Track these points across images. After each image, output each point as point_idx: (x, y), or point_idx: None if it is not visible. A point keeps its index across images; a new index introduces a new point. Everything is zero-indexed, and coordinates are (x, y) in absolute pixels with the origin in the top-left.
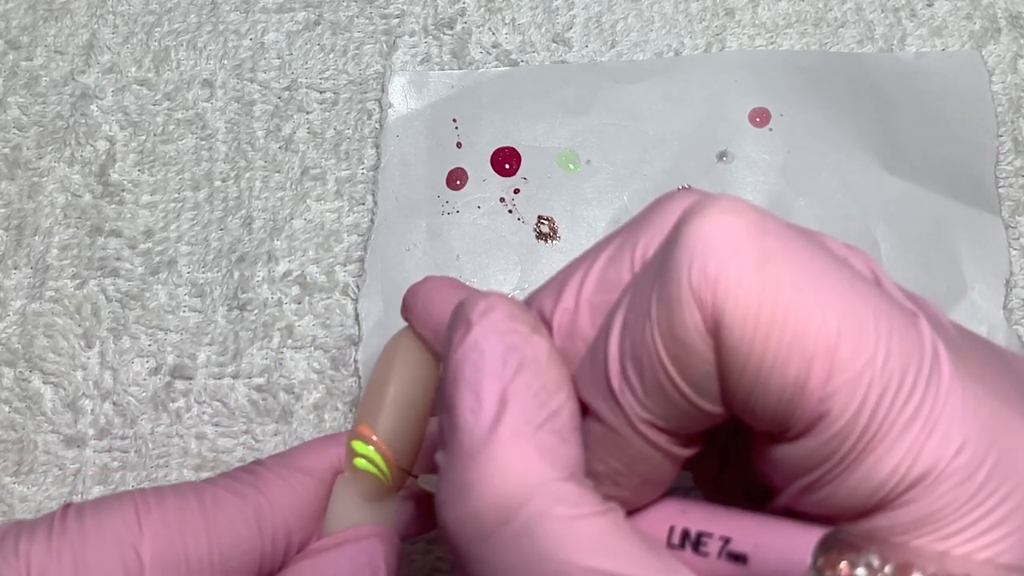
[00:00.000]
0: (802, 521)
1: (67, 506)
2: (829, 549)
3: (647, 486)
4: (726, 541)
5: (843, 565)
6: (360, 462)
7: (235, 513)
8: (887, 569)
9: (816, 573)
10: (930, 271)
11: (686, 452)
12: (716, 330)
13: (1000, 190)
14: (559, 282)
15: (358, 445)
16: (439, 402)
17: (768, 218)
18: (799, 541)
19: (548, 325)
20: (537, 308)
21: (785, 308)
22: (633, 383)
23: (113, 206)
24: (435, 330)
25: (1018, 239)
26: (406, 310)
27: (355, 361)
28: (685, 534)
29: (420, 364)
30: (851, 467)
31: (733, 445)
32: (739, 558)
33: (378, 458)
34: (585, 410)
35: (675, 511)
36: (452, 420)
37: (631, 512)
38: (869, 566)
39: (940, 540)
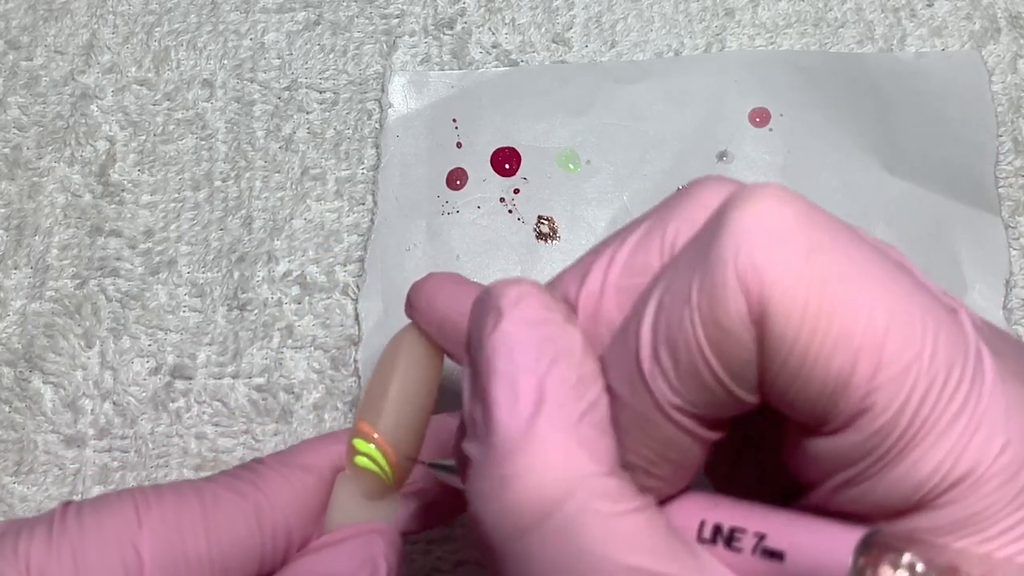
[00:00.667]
0: (836, 519)
1: (67, 504)
2: (871, 549)
3: (678, 472)
4: (761, 537)
5: (885, 566)
6: (361, 460)
7: (235, 511)
8: (932, 572)
9: (857, 573)
10: (930, 271)
11: (714, 435)
12: (761, 319)
13: (1000, 190)
14: (584, 266)
15: (359, 443)
16: (471, 393)
17: (815, 208)
18: (837, 540)
19: (573, 309)
20: (561, 292)
21: (832, 300)
22: (666, 367)
23: (113, 206)
24: (439, 326)
25: (1018, 239)
26: (410, 306)
27: (355, 361)
28: (717, 529)
29: (423, 362)
30: (891, 464)
31: (748, 438)
32: (775, 555)
33: (379, 456)
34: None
35: (706, 504)
36: (488, 413)
37: (662, 503)
38: (911, 568)
39: (982, 543)
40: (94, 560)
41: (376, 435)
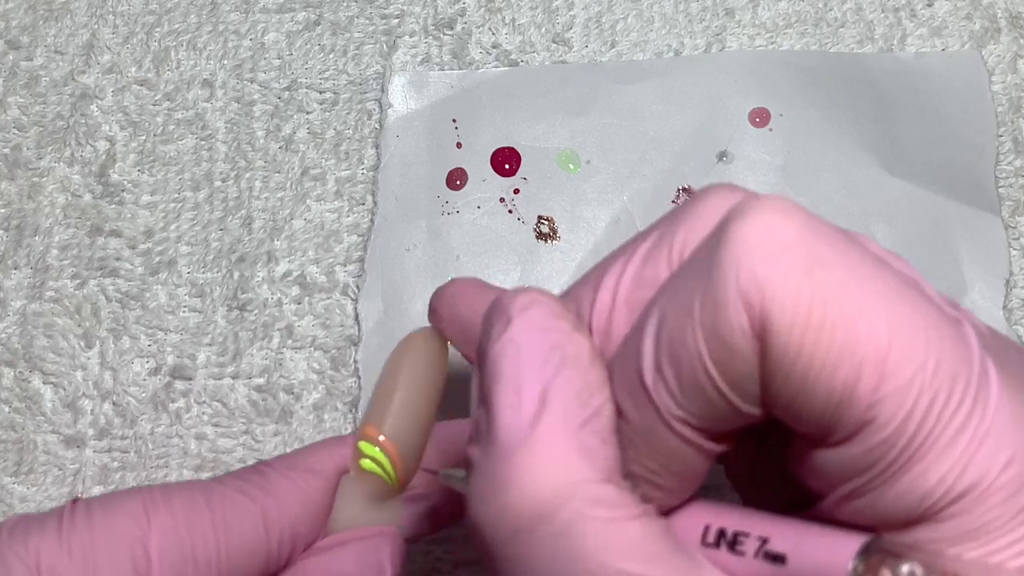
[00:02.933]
0: (841, 527)
1: (75, 501)
2: (871, 554)
3: (682, 483)
4: (764, 541)
5: (884, 571)
6: (367, 463)
7: (242, 513)
8: None
9: None
10: (930, 271)
11: (719, 448)
12: (763, 333)
13: (1000, 190)
14: (595, 279)
15: (365, 446)
16: (477, 396)
17: (816, 220)
18: (839, 545)
19: (586, 323)
20: (575, 306)
21: (835, 313)
22: (669, 380)
23: (113, 206)
24: (463, 331)
25: (1018, 239)
26: (432, 313)
27: (355, 361)
28: (721, 533)
29: (430, 366)
30: (896, 476)
31: (766, 449)
32: (777, 558)
33: (384, 459)
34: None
35: (711, 512)
36: (491, 416)
37: (667, 512)
38: (911, 574)
39: (986, 555)
40: (104, 558)
41: (381, 438)
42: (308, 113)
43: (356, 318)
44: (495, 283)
